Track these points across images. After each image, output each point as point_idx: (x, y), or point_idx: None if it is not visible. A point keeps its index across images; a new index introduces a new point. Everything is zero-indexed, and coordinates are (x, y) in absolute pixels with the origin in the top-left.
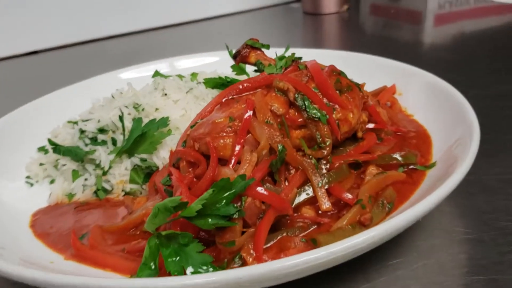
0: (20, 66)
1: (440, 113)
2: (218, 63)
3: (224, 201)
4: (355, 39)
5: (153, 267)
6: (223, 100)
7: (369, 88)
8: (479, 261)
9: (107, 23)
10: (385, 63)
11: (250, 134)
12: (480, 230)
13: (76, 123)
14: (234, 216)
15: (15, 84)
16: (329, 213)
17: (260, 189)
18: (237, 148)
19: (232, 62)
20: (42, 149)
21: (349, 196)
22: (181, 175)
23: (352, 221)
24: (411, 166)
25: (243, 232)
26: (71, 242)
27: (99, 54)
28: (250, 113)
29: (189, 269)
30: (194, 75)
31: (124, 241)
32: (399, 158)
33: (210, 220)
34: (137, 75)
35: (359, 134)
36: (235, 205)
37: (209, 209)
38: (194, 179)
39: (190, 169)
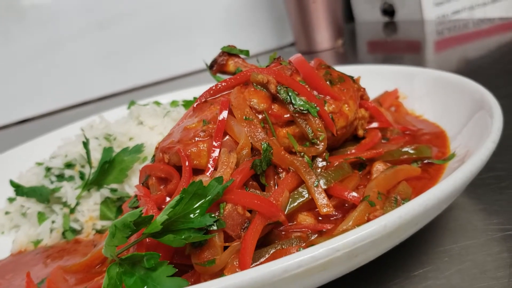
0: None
1: (452, 106)
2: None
3: (198, 210)
4: None
5: None
6: (195, 105)
7: (371, 97)
8: None
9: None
10: (384, 69)
11: (228, 136)
12: None
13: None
14: (212, 228)
15: None
16: (332, 218)
17: (241, 192)
18: (214, 153)
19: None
20: (10, 199)
21: (354, 194)
22: (147, 191)
23: (359, 221)
24: (427, 161)
25: (225, 248)
26: (25, 287)
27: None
28: (225, 112)
29: None
30: (174, 102)
31: (89, 279)
32: (411, 151)
33: (181, 235)
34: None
35: (360, 133)
36: (212, 214)
37: (179, 221)
38: (167, 198)
39: (162, 187)
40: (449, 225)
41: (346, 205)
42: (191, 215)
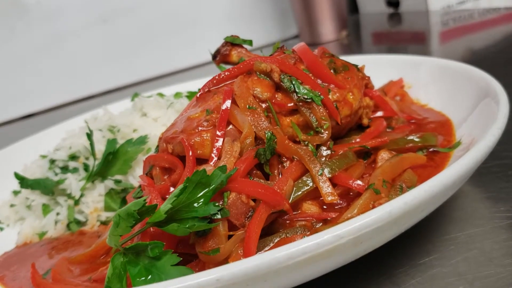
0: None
1: (458, 94)
2: None
3: (202, 199)
4: None
5: None
6: (198, 95)
7: (376, 87)
8: None
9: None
10: (389, 59)
11: (231, 126)
12: None
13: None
14: (216, 217)
15: None
16: (336, 207)
17: (245, 181)
18: (218, 143)
19: None
20: (15, 192)
21: (359, 183)
22: (151, 181)
23: (364, 209)
24: (432, 149)
25: (229, 237)
26: (31, 277)
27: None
28: (229, 101)
29: None
30: (178, 94)
31: (93, 270)
32: (416, 139)
33: (185, 224)
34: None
35: (365, 121)
36: (216, 203)
37: (183, 210)
38: (171, 188)
39: (166, 177)
40: (455, 213)
41: (351, 193)
42: (195, 204)
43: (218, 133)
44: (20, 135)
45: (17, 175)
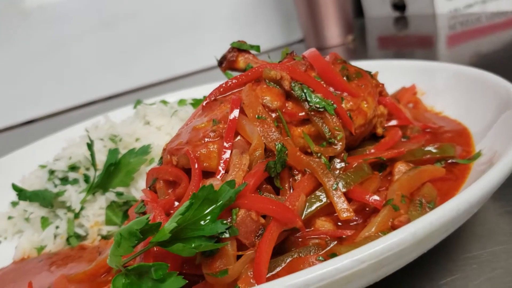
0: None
1: (475, 102)
2: None
3: (209, 217)
4: None
5: None
6: (204, 104)
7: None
8: None
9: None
10: (400, 64)
11: (239, 137)
12: None
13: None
14: (224, 236)
15: None
16: (352, 224)
17: (255, 197)
18: (225, 155)
19: None
20: (14, 203)
21: (376, 198)
22: (155, 195)
23: (383, 227)
24: (451, 160)
25: (238, 257)
26: None
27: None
28: (236, 111)
29: None
30: (182, 101)
31: None
32: (434, 151)
33: (191, 243)
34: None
35: (379, 131)
36: (224, 220)
37: (189, 229)
38: (176, 203)
39: (170, 191)
40: (475, 229)
41: (367, 209)
42: (202, 222)
43: (225, 144)
44: (19, 142)
45: (15, 187)
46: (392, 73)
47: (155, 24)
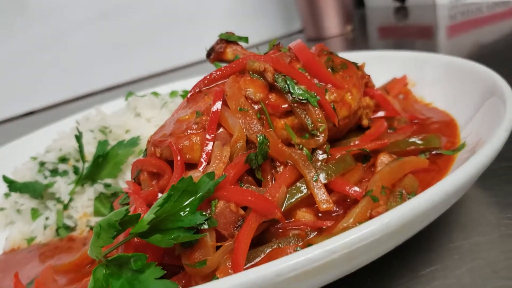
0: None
1: (463, 93)
2: None
3: (188, 208)
4: None
5: None
6: (189, 96)
7: (379, 84)
8: None
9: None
10: (392, 55)
11: (222, 129)
12: None
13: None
14: (203, 227)
15: None
16: (333, 215)
17: (234, 189)
18: (208, 147)
19: None
20: (6, 194)
21: (356, 189)
22: (137, 187)
23: (361, 217)
24: (435, 152)
25: (217, 248)
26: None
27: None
28: (219, 103)
29: None
30: (173, 93)
31: (79, 279)
32: (418, 142)
33: (170, 234)
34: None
35: (365, 122)
36: (204, 212)
37: (168, 220)
38: (160, 194)
39: (154, 182)
40: (459, 219)
41: (348, 200)
42: (181, 213)
43: (207, 136)
44: (13, 135)
45: (5, 178)
46: (385, 64)
47: (155, 15)
